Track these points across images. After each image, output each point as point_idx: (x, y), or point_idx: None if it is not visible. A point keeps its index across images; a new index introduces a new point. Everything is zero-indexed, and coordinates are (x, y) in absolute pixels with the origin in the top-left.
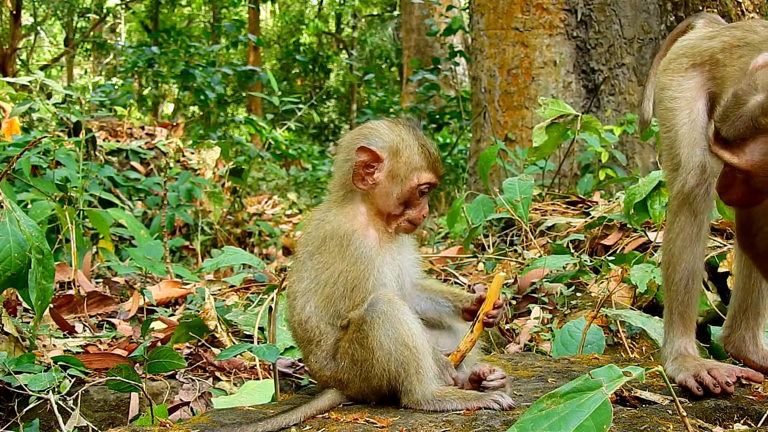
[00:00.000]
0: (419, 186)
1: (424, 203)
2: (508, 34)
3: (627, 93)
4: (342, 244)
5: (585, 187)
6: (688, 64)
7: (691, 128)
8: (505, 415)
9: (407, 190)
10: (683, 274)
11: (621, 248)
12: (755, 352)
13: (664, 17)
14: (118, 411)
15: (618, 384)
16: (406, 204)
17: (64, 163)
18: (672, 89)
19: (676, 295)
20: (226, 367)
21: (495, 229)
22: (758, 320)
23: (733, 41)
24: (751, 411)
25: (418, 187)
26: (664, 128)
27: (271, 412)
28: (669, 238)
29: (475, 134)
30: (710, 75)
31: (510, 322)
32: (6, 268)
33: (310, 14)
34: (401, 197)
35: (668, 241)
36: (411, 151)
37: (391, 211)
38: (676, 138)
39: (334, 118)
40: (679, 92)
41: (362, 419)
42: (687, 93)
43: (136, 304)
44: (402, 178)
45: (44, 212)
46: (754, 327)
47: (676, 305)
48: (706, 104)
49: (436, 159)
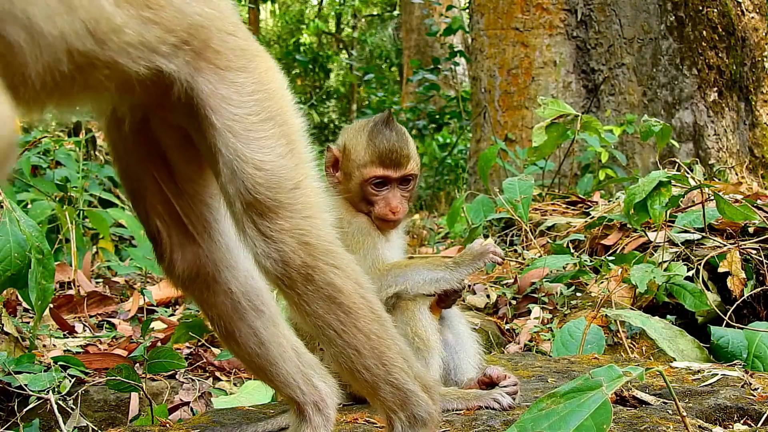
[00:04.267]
0: (365, 181)
1: (390, 198)
2: (508, 34)
3: (627, 93)
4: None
5: (585, 187)
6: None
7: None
8: (505, 414)
9: (357, 186)
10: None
11: (621, 248)
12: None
13: (664, 17)
14: (118, 411)
15: (618, 384)
16: (367, 200)
17: (64, 163)
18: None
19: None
20: (226, 367)
21: (495, 229)
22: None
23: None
24: (751, 411)
25: (366, 183)
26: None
27: (271, 412)
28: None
29: (475, 134)
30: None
31: (510, 322)
32: (6, 268)
33: (310, 14)
34: (357, 194)
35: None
36: (357, 148)
37: (359, 208)
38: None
39: (334, 118)
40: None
41: (362, 419)
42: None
43: (136, 304)
44: (351, 175)
45: (44, 212)
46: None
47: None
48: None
49: (387, 152)
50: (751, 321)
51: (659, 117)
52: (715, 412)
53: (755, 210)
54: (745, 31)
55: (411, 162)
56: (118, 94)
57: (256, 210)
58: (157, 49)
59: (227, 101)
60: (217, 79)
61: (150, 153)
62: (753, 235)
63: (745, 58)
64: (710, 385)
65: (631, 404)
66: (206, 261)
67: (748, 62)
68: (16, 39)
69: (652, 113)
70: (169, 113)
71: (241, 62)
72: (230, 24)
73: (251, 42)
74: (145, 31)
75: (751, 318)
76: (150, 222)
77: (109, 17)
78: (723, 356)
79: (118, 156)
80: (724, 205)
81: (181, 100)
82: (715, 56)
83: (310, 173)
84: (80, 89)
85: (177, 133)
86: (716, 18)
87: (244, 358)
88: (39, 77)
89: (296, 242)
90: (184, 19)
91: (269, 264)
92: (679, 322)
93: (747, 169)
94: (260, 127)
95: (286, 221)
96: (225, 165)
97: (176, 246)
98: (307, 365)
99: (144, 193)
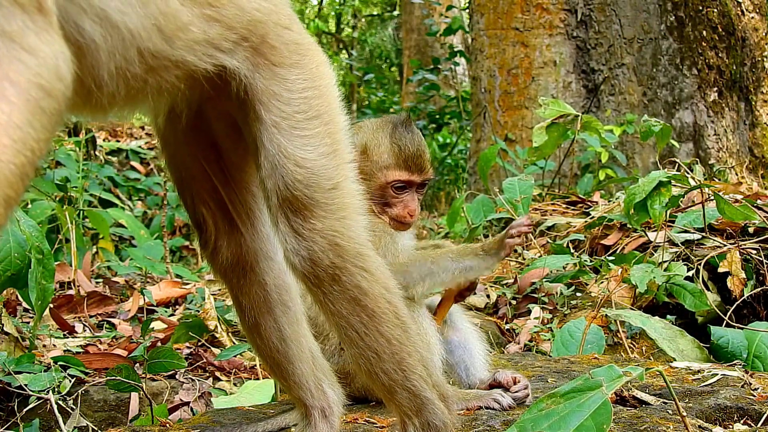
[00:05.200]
0: (388, 184)
1: (408, 201)
2: (508, 34)
3: (627, 93)
4: None
5: (585, 187)
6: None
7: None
8: (505, 414)
9: (377, 188)
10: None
11: (621, 248)
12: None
13: (664, 17)
14: (118, 411)
15: (618, 384)
16: (385, 202)
17: (64, 163)
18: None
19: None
20: (226, 367)
21: (495, 229)
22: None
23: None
24: (751, 411)
25: (388, 185)
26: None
27: (271, 412)
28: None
29: (475, 134)
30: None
31: (510, 322)
32: (6, 268)
33: (310, 14)
34: (375, 195)
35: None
36: (380, 150)
37: (374, 209)
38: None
39: None
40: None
41: (362, 419)
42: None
43: (136, 304)
44: (371, 176)
45: (44, 212)
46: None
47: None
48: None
49: (411, 156)
50: (751, 321)
51: (659, 117)
52: (715, 412)
53: (755, 210)
54: (745, 31)
55: (430, 166)
56: (188, 93)
57: (291, 206)
58: (220, 46)
59: (277, 98)
60: (271, 75)
61: (201, 142)
62: (753, 235)
63: (745, 58)
64: (710, 385)
65: (631, 404)
66: (247, 249)
67: (748, 62)
68: (92, 35)
69: (652, 113)
70: (223, 104)
71: (294, 58)
72: (285, 17)
73: (304, 35)
74: (209, 29)
75: (751, 318)
76: (196, 210)
77: (176, 14)
78: (723, 356)
79: (167, 145)
80: (724, 205)
81: (240, 95)
82: (715, 56)
83: (350, 174)
84: (153, 92)
85: (229, 120)
86: (716, 18)
87: (264, 352)
88: (112, 80)
89: (327, 242)
90: (243, 16)
91: (297, 261)
92: (679, 322)
93: (747, 169)
94: (306, 125)
95: (320, 221)
96: (266, 159)
97: (221, 233)
98: (320, 369)
99: (191, 182)
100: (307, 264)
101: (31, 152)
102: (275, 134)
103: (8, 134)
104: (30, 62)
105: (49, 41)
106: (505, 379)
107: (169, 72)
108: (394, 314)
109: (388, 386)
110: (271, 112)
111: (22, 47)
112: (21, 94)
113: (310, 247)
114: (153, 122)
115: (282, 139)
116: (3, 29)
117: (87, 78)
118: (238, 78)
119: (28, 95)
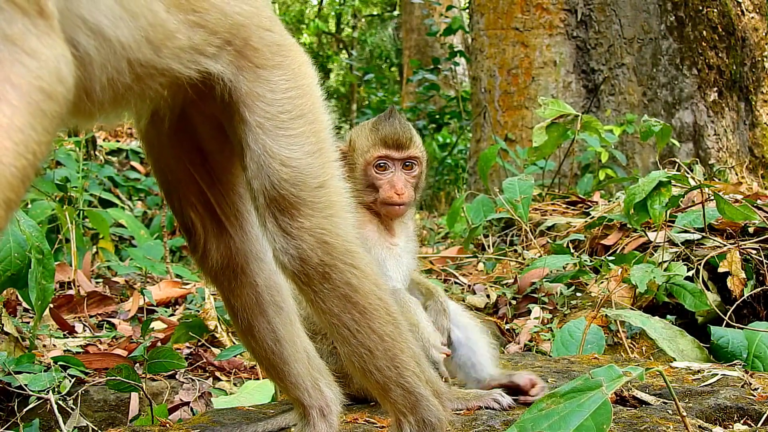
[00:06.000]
0: (368, 164)
1: (394, 180)
2: (508, 34)
3: (627, 93)
4: None
5: (585, 187)
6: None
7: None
8: (505, 414)
9: (361, 172)
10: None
11: (621, 248)
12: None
13: (664, 17)
14: (118, 411)
15: (618, 384)
16: (373, 187)
17: (64, 163)
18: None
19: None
20: (226, 367)
21: (495, 229)
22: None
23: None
24: (751, 411)
25: (369, 166)
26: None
27: (271, 412)
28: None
29: (475, 134)
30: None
31: (510, 322)
32: (6, 268)
33: (310, 14)
34: (363, 182)
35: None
36: (361, 137)
37: (367, 199)
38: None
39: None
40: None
41: (362, 419)
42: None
43: (136, 304)
44: (356, 164)
45: (44, 212)
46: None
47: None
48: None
49: (389, 134)
50: (751, 321)
51: (659, 117)
52: (715, 412)
53: (755, 210)
54: (745, 31)
55: (413, 146)
56: (171, 98)
57: (278, 206)
58: (205, 51)
59: (261, 99)
60: (254, 77)
61: (185, 145)
62: (753, 235)
63: (745, 58)
64: (710, 385)
65: (631, 404)
66: (237, 251)
67: (748, 62)
68: (87, 48)
69: (652, 113)
70: (207, 106)
71: (277, 59)
72: (266, 19)
73: (286, 36)
74: (193, 35)
75: (751, 318)
76: (184, 214)
77: (163, 23)
78: (723, 356)
79: (152, 149)
80: (724, 205)
81: (224, 98)
82: (715, 56)
83: (336, 172)
84: (136, 99)
85: (214, 122)
86: (716, 18)
87: (259, 353)
88: (103, 90)
89: (315, 240)
90: (226, 20)
91: (287, 260)
92: (679, 322)
93: (747, 169)
94: (290, 125)
95: (307, 219)
96: (252, 160)
97: (210, 236)
98: (316, 369)
99: (178, 185)
100: (296, 263)
101: (33, 155)
102: (260, 135)
103: (10, 137)
104: (31, 65)
105: (50, 44)
106: (524, 382)
107: (153, 79)
108: (386, 310)
109: (382, 383)
110: (256, 113)
111: (24, 50)
112: (22, 97)
113: (299, 245)
114: (136, 126)
115: (267, 139)
116: (4, 32)
117: (79, 89)
118: (222, 82)
119: (30, 98)
